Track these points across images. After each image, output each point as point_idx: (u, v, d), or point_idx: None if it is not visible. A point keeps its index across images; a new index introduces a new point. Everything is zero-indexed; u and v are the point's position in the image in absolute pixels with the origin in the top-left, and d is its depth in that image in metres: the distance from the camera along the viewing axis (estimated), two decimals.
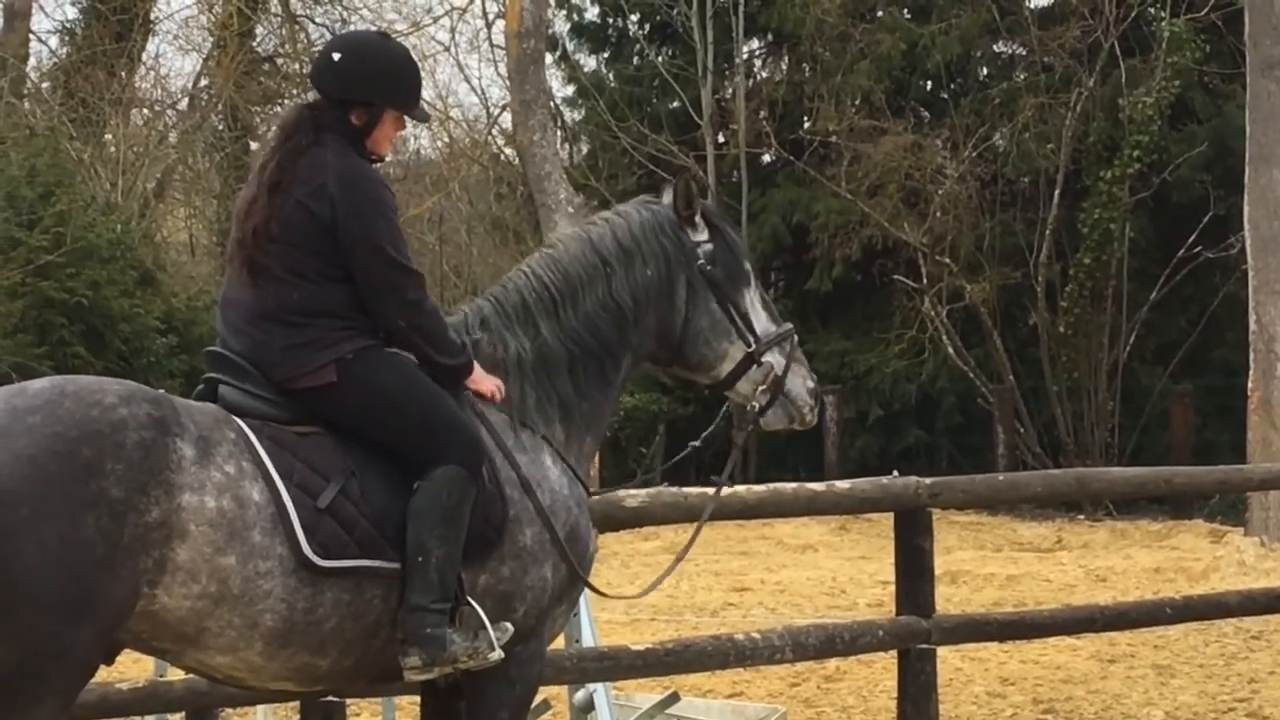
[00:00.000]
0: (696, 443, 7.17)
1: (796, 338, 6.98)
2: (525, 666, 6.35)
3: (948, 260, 30.22)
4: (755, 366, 6.82)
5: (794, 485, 9.27)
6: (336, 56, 6.38)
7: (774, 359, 6.85)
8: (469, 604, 6.07)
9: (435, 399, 6.19)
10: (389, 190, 6.31)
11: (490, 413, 6.38)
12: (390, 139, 6.49)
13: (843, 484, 9.50)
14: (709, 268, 6.78)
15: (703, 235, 6.83)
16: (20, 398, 5.62)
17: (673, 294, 6.75)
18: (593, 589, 6.88)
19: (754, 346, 6.81)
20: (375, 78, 6.32)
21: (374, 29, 7.76)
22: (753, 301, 6.88)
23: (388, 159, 6.68)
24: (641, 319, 6.71)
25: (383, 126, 6.37)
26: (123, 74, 31.98)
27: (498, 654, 6.05)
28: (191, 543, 5.67)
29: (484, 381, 6.39)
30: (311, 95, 6.56)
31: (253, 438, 5.91)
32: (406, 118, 6.47)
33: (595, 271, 6.65)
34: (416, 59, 6.70)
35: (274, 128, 7.11)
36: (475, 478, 6.09)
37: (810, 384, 6.93)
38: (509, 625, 6.13)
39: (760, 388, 6.83)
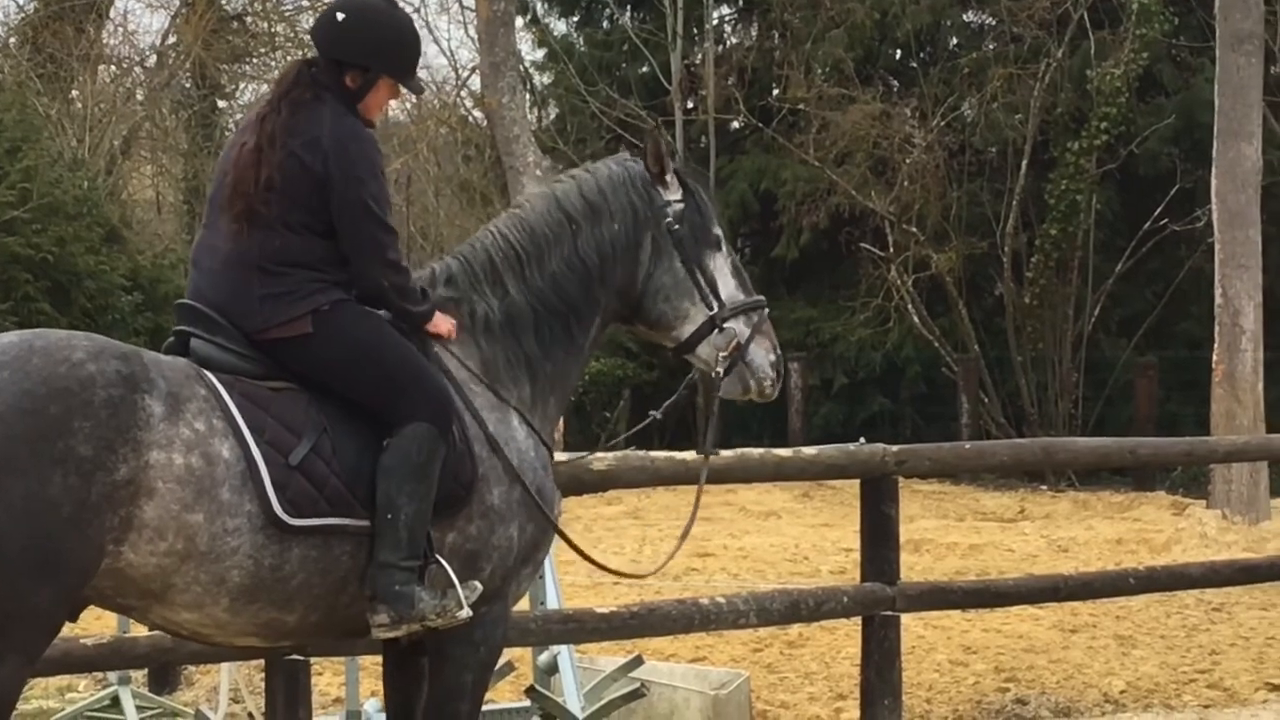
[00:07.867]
0: (657, 413, 7.11)
1: (767, 310, 6.87)
2: (490, 629, 6.34)
3: (914, 229, 30.22)
4: (718, 332, 6.72)
5: (761, 451, 9.26)
6: (340, 16, 6.35)
7: (738, 327, 6.75)
8: (438, 562, 6.07)
9: (407, 354, 6.18)
10: (379, 152, 6.32)
11: (458, 372, 6.37)
12: (383, 106, 6.50)
13: (809, 450, 9.49)
14: (676, 226, 6.70)
15: (675, 195, 6.76)
16: None
17: (638, 250, 6.68)
18: (597, 564, 6.91)
19: (716, 310, 6.73)
20: (375, 43, 6.31)
21: None
22: (721, 267, 6.79)
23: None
24: (608, 276, 6.64)
25: (376, 92, 6.37)
26: (90, 30, 31.76)
27: (466, 612, 6.04)
28: (159, 500, 5.65)
29: (441, 323, 6.37)
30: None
31: (224, 393, 5.90)
32: (401, 87, 6.47)
33: (561, 230, 6.60)
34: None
35: (272, 83, 7.07)
36: (445, 434, 6.08)
37: (773, 357, 6.81)
38: (478, 584, 6.12)
39: (721, 353, 6.72)
